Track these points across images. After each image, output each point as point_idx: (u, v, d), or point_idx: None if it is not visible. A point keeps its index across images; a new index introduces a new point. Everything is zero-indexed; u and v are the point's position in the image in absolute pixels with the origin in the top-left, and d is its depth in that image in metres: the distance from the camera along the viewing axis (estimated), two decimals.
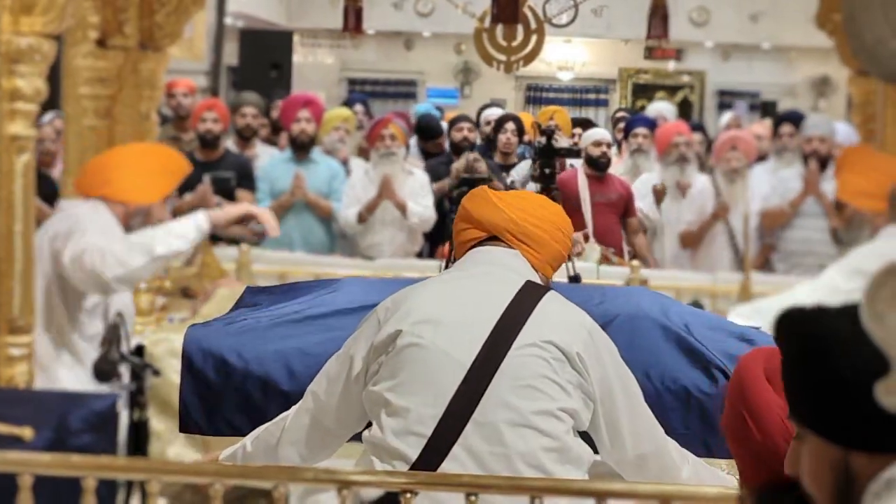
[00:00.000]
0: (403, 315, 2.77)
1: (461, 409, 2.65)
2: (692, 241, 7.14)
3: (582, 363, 2.70)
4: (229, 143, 7.66)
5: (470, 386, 2.65)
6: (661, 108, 10.15)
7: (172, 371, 3.84)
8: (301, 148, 7.26)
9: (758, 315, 4.59)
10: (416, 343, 2.72)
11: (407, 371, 2.72)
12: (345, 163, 7.69)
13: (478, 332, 2.70)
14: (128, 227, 4.34)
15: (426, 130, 8.55)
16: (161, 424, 3.87)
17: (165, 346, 3.91)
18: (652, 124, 8.66)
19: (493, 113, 9.39)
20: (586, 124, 8.49)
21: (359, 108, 9.36)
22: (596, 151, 7.19)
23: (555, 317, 2.75)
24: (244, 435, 3.84)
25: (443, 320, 2.73)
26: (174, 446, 3.88)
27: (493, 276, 2.84)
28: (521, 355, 2.67)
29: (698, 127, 9.80)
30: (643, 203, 7.45)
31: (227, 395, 3.85)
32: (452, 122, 8.21)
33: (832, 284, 4.57)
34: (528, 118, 9.04)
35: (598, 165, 7.20)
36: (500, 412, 2.64)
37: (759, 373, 1.95)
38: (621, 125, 9.66)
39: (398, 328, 2.75)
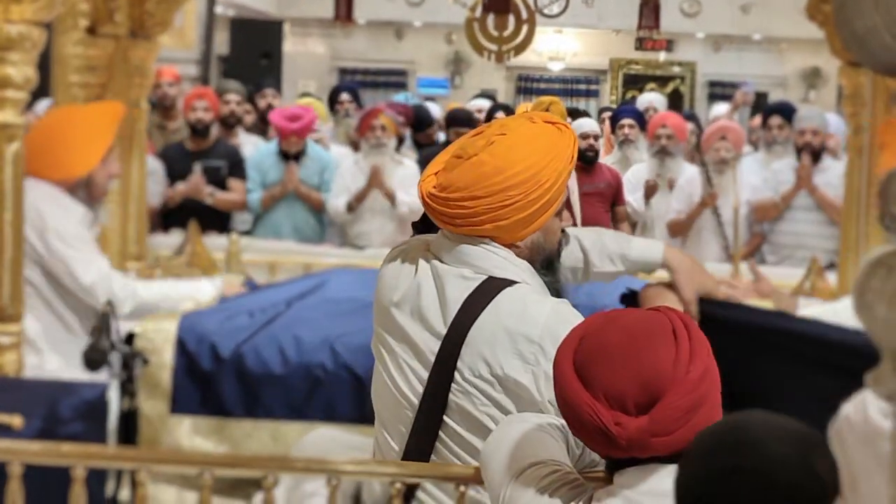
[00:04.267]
0: (375, 319, 2.73)
1: (419, 449, 2.60)
2: (680, 229, 7.15)
3: (528, 390, 2.48)
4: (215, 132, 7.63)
5: (422, 426, 2.58)
6: (651, 98, 10.16)
7: (171, 358, 3.88)
8: (292, 157, 7.24)
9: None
10: (377, 370, 2.70)
11: (375, 396, 2.73)
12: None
13: (423, 363, 2.57)
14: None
15: (417, 121, 8.55)
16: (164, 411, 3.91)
17: (162, 335, 3.93)
18: (638, 114, 8.67)
19: (482, 103, 9.40)
20: (577, 114, 8.50)
21: (345, 96, 9.33)
22: (582, 144, 7.18)
23: (491, 336, 2.49)
24: (236, 417, 3.88)
25: (394, 348, 2.63)
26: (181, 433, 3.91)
27: (447, 282, 2.58)
28: (464, 390, 2.52)
29: (691, 117, 9.81)
30: (632, 197, 7.46)
31: (221, 378, 3.88)
32: (452, 121, 8.12)
33: None
34: (524, 109, 9.04)
35: (584, 157, 7.19)
36: (458, 450, 2.57)
37: (569, 367, 2.00)
38: (606, 114, 9.68)
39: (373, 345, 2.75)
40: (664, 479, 1.92)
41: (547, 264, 2.66)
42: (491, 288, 2.54)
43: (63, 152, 4.22)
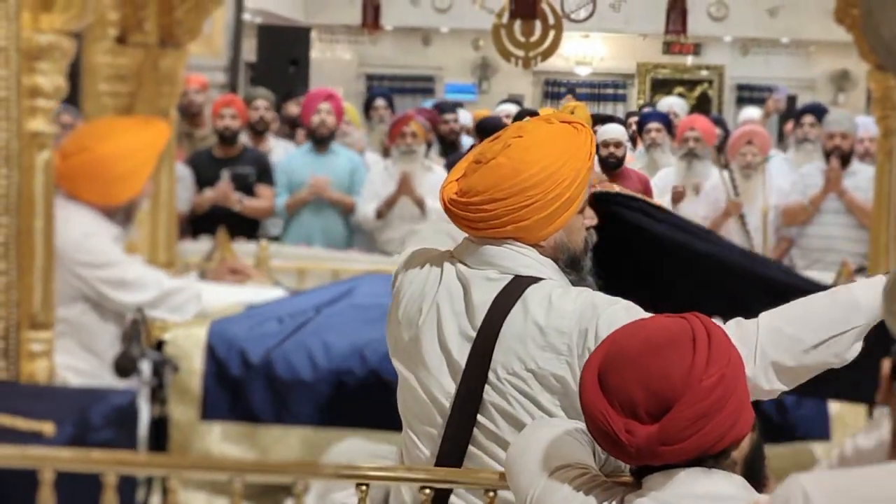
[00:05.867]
0: (393, 341, 2.75)
1: (452, 451, 2.61)
2: None
3: (565, 380, 2.50)
4: (243, 138, 7.67)
5: (455, 427, 2.58)
6: (671, 102, 10.14)
7: (201, 364, 3.91)
8: (320, 141, 7.26)
9: None
10: (403, 376, 2.70)
11: (402, 403, 2.73)
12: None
13: (453, 366, 2.58)
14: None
15: (488, 131, 8.51)
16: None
17: (192, 341, 3.95)
18: (664, 118, 8.65)
19: (509, 108, 9.39)
20: (605, 120, 8.49)
21: (380, 102, 9.37)
22: (603, 152, 7.12)
23: (522, 333, 2.52)
24: (265, 423, 3.90)
25: (421, 353, 2.63)
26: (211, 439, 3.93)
27: (474, 284, 2.60)
28: (498, 389, 2.53)
29: (718, 121, 9.78)
30: (661, 202, 7.43)
31: (250, 384, 3.90)
32: (484, 128, 8.12)
33: None
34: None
35: (605, 164, 7.15)
36: (494, 448, 2.57)
37: (593, 372, 2.02)
38: (633, 119, 9.66)
39: (391, 345, 2.75)
40: (690, 480, 1.94)
41: (572, 263, 2.68)
42: (518, 286, 2.56)
43: (110, 182, 4.27)
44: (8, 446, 2.92)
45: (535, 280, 2.58)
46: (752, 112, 10.27)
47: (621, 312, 2.47)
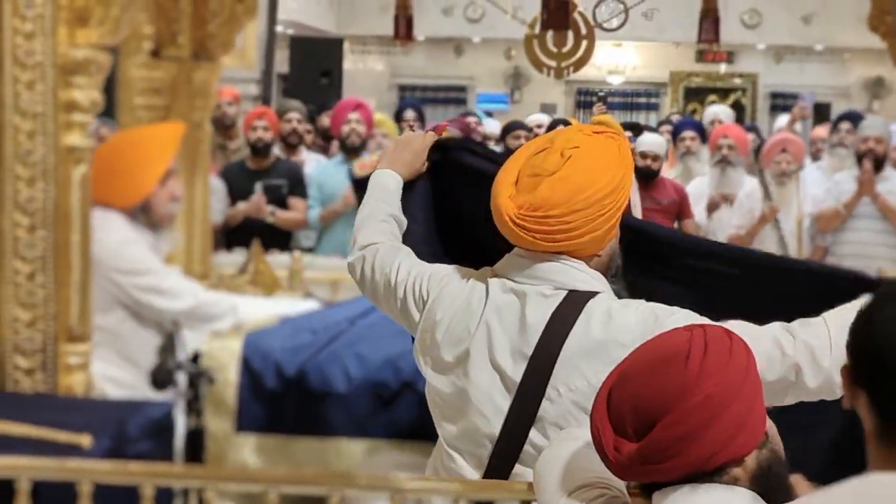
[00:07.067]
0: (431, 360, 2.69)
1: (500, 468, 2.58)
2: (741, 244, 7.09)
3: None
4: (275, 150, 7.69)
5: (504, 446, 2.56)
6: (716, 111, 10.09)
7: (236, 376, 3.93)
8: (352, 151, 7.26)
9: None
10: (443, 395, 2.66)
11: (442, 419, 2.69)
12: None
13: (507, 384, 2.55)
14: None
15: (509, 132, 8.56)
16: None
17: (227, 353, 3.97)
18: (699, 127, 8.62)
19: (541, 118, 9.40)
20: (636, 129, 8.48)
21: (410, 113, 9.38)
22: (640, 162, 7.10)
23: (583, 350, 2.49)
24: (300, 435, 3.92)
25: (469, 372, 2.59)
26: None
27: (528, 301, 2.56)
28: (558, 406, 2.51)
29: (752, 129, 9.73)
30: (694, 210, 7.41)
31: (285, 396, 3.91)
32: (508, 129, 8.20)
33: None
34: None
35: (640, 175, 7.13)
36: None
37: (606, 387, 1.99)
38: (665, 127, 9.65)
39: (428, 365, 2.69)
40: (692, 495, 1.91)
41: (617, 270, 2.68)
42: (576, 302, 2.54)
43: (119, 179, 4.21)
44: (46, 459, 2.95)
45: (592, 295, 2.56)
46: (786, 120, 10.23)
47: (683, 320, 2.44)
